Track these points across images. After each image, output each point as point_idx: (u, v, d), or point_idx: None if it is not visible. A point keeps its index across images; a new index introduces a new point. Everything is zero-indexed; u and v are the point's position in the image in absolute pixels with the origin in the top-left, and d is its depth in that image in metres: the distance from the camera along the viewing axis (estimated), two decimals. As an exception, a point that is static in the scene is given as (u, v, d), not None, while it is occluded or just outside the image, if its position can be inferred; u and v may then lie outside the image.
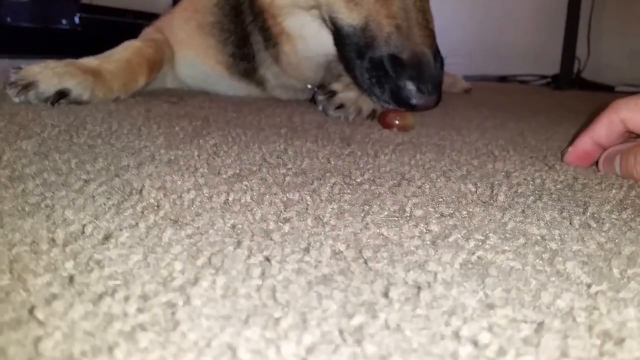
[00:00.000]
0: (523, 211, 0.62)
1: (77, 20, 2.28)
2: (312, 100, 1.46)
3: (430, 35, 1.19)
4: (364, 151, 0.91)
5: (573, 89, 3.31)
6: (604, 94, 3.18)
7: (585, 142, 0.92)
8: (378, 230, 0.51)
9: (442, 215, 0.58)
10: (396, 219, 0.56)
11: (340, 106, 1.32)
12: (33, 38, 2.16)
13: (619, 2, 3.58)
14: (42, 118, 0.96)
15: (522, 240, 0.52)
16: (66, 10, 2.26)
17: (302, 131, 1.07)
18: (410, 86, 1.13)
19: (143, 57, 1.34)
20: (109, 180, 0.61)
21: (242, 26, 1.44)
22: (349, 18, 1.20)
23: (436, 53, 1.18)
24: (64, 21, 2.25)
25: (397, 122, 1.19)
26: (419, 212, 0.58)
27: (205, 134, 0.94)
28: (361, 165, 0.80)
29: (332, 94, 1.35)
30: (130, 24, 2.23)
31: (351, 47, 1.21)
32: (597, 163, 0.91)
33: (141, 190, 0.58)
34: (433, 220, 0.56)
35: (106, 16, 2.60)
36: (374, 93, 1.19)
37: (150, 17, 1.75)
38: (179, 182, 0.62)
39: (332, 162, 0.80)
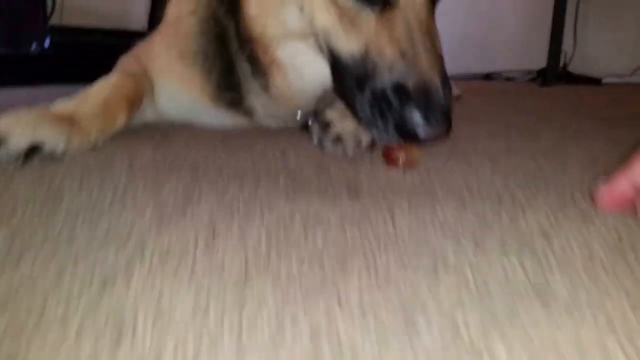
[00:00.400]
0: (589, 308, 0.52)
1: (47, 43, 2.14)
2: (305, 127, 1.34)
3: (438, 60, 1.07)
4: (378, 208, 0.81)
5: (560, 83, 3.22)
6: (593, 88, 3.11)
7: (622, 185, 0.82)
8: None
9: (502, 333, 0.47)
10: (450, 342, 0.45)
11: (338, 138, 1.21)
12: (1, 65, 2.02)
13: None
14: (14, 188, 0.84)
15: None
16: (35, 33, 2.13)
17: (302, 179, 0.96)
18: (417, 117, 1.01)
19: (121, 94, 1.22)
20: (94, 303, 0.50)
21: (228, 54, 1.32)
22: (348, 45, 1.09)
23: (445, 79, 1.08)
24: (33, 45, 2.12)
25: (402, 158, 1.09)
26: (474, 329, 0.48)
27: (197, 197, 0.83)
28: (381, 237, 0.69)
29: (328, 124, 1.24)
30: (104, 45, 2.10)
31: (350, 78, 1.10)
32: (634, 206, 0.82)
33: (134, 325, 0.47)
34: (495, 342, 0.46)
35: (78, 38, 2.47)
36: (376, 127, 1.07)
37: (124, 36, 1.63)
38: (177, 299, 0.51)
39: (349, 235, 0.69)
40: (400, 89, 1.03)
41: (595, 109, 2.19)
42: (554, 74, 3.22)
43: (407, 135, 1.03)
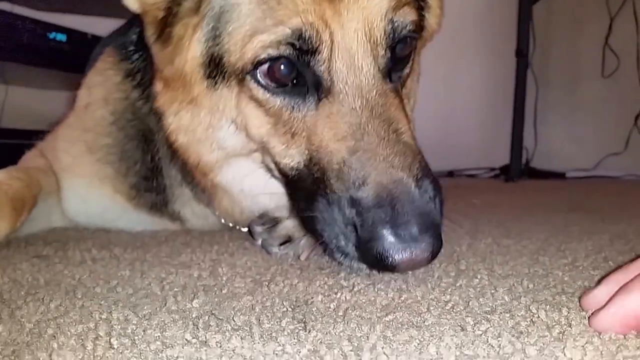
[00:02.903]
0: None
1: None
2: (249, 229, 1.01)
3: (407, 152, 0.73)
4: (336, 349, 0.48)
5: (523, 178, 3.00)
6: (561, 182, 2.89)
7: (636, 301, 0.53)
8: None
9: None
10: None
11: (287, 240, 0.90)
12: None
13: (562, 90, 3.34)
14: None
15: None
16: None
17: (227, 302, 0.63)
18: (385, 235, 0.67)
19: (4, 195, 0.90)
20: None
21: (152, 155, 1.02)
22: (287, 157, 0.79)
23: (422, 176, 0.73)
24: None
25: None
26: None
27: (50, 335, 0.50)
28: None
29: (274, 223, 0.93)
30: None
31: (301, 194, 0.79)
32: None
33: None
34: None
35: (19, 139, 2.16)
36: (340, 251, 0.73)
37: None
38: None
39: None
40: (356, 201, 0.70)
41: (571, 201, 1.91)
42: (518, 169, 3.00)
43: (376, 263, 0.69)
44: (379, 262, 0.67)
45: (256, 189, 0.92)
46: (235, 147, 0.86)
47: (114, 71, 1.05)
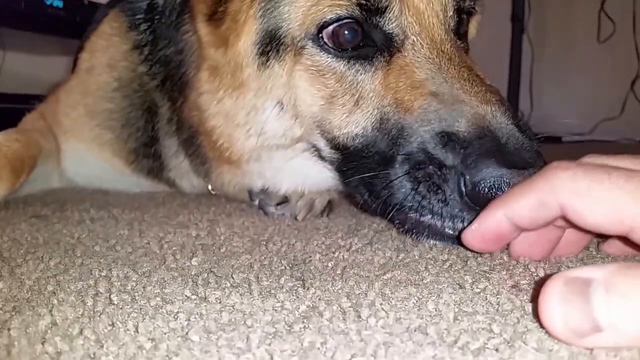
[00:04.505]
0: None
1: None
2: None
3: (490, 90, 0.68)
4: (335, 305, 0.48)
5: (518, 143, 2.99)
6: (558, 146, 2.88)
7: (499, 221, 0.56)
8: None
9: None
10: None
11: (284, 201, 0.89)
12: None
13: (558, 55, 3.31)
14: None
15: None
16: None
17: (225, 261, 0.63)
18: (498, 168, 0.59)
19: (4, 157, 0.89)
20: None
21: (153, 126, 0.99)
22: (349, 125, 0.73)
23: (514, 113, 0.67)
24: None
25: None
26: None
27: (52, 288, 0.49)
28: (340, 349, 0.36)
29: (271, 184, 0.92)
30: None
31: (373, 161, 0.71)
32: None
33: None
34: None
35: (16, 104, 2.13)
36: (433, 213, 0.65)
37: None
38: None
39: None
40: (450, 136, 0.63)
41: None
42: (513, 134, 2.99)
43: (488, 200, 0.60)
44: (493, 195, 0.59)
45: (286, 184, 0.88)
46: (277, 132, 0.80)
47: (121, 39, 1.01)
